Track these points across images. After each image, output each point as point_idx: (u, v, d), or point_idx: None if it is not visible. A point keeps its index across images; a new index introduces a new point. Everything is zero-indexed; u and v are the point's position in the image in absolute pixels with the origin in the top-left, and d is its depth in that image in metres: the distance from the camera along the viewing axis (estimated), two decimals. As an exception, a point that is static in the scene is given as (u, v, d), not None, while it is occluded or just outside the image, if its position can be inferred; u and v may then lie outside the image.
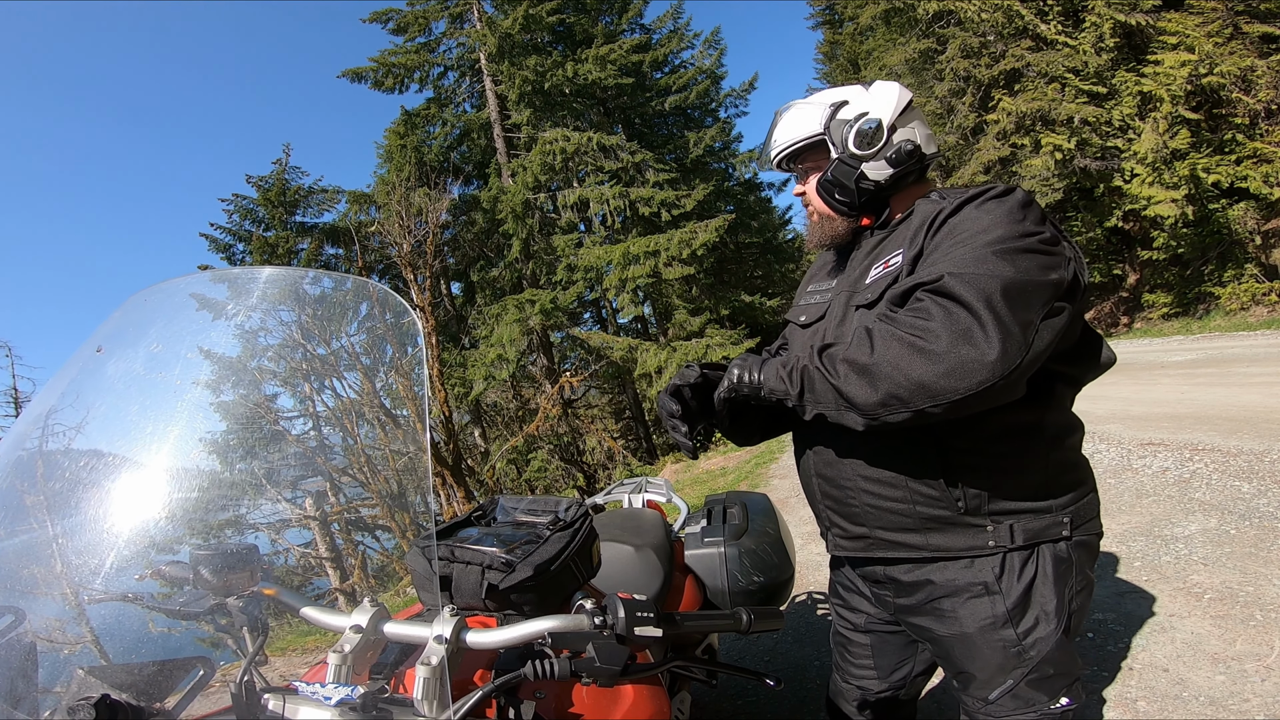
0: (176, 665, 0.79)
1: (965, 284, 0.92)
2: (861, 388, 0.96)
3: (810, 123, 1.22)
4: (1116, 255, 14.85)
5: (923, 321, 0.94)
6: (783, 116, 1.28)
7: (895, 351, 0.94)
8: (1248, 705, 1.80)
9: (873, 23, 16.88)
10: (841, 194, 1.22)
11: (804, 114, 1.24)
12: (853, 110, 1.20)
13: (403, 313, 0.97)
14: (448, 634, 0.78)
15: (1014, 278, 0.92)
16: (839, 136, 1.20)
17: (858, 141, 1.18)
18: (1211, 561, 2.67)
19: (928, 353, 0.91)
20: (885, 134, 1.18)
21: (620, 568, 1.54)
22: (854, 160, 1.19)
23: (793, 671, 2.50)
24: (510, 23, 14.11)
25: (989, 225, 0.99)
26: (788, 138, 1.25)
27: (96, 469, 0.89)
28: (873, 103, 1.20)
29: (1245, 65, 10.33)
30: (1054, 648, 1.10)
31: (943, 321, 0.92)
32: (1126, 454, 4.39)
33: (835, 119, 1.20)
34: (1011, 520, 1.09)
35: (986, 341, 0.89)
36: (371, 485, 1.82)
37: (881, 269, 1.15)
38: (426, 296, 11.22)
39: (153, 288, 0.98)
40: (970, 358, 0.89)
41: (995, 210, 1.01)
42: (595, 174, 14.47)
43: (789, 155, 1.27)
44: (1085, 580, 1.14)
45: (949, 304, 0.93)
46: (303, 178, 14.79)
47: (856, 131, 1.18)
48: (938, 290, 0.95)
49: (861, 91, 1.22)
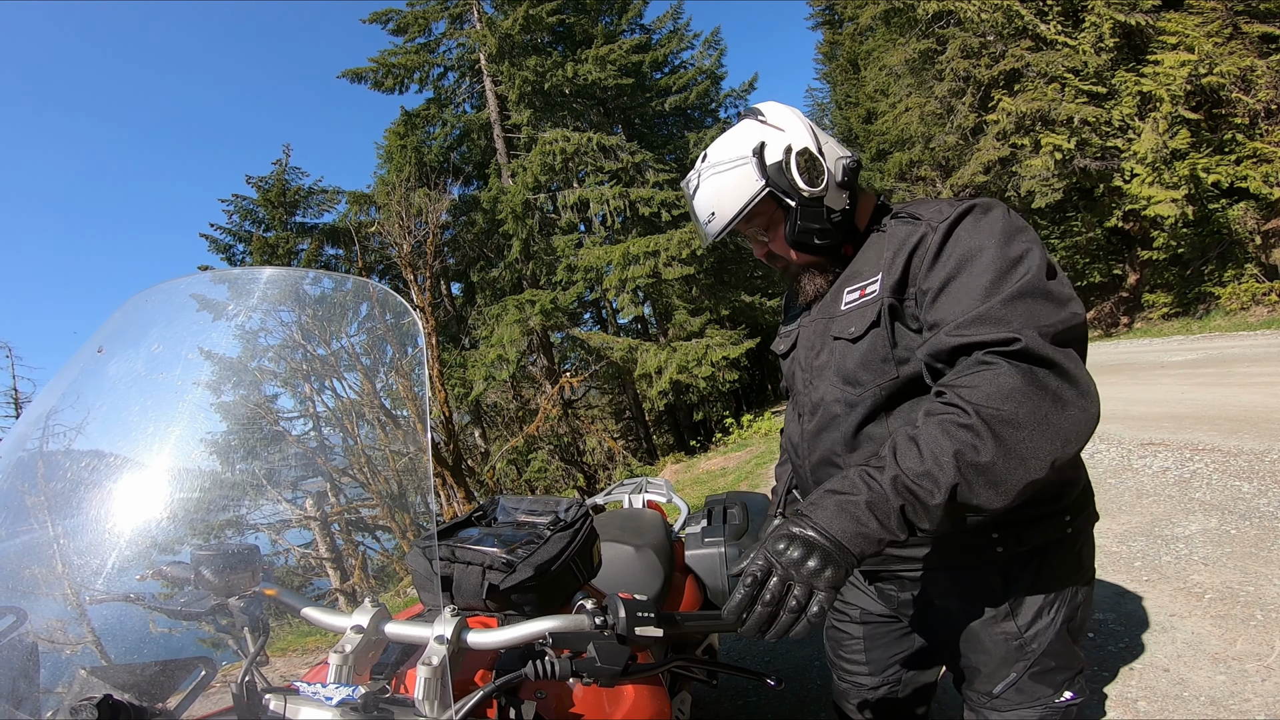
0: (178, 665, 0.79)
1: (1034, 338, 0.83)
2: (988, 494, 0.80)
3: (746, 183, 1.12)
4: (1116, 255, 14.85)
5: (1011, 400, 0.81)
6: (704, 188, 1.16)
7: (1011, 442, 0.80)
8: (1248, 705, 1.80)
9: (872, 23, 16.89)
10: (821, 236, 1.13)
11: (731, 179, 1.13)
12: (776, 149, 1.11)
13: (403, 313, 0.97)
14: (449, 634, 0.78)
15: (1063, 317, 0.86)
16: (785, 183, 1.10)
17: (807, 179, 1.10)
18: (1212, 561, 2.67)
19: (1043, 427, 0.80)
20: (822, 159, 1.12)
21: (620, 568, 1.54)
22: (815, 200, 1.11)
23: (793, 671, 2.50)
24: (510, 23, 14.12)
25: (994, 252, 0.93)
26: (730, 207, 1.13)
27: (97, 469, 0.89)
28: (787, 133, 1.12)
29: (1245, 65, 10.33)
30: (1055, 640, 1.11)
31: (1032, 387, 0.81)
32: (1127, 454, 4.39)
33: (769, 166, 1.10)
34: (1018, 529, 1.08)
35: (1082, 396, 0.83)
36: (372, 486, 1.82)
37: (857, 296, 1.10)
38: (426, 297, 11.22)
39: (153, 288, 0.98)
40: (1078, 419, 0.82)
41: (992, 230, 0.96)
42: (595, 174, 14.48)
43: (738, 222, 1.15)
44: (1087, 571, 1.15)
45: (1028, 367, 0.82)
46: (303, 178, 14.82)
47: (799, 168, 1.09)
48: (1010, 354, 0.84)
49: (763, 125, 1.14)
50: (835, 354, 1.12)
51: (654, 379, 13.26)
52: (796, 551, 0.75)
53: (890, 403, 1.07)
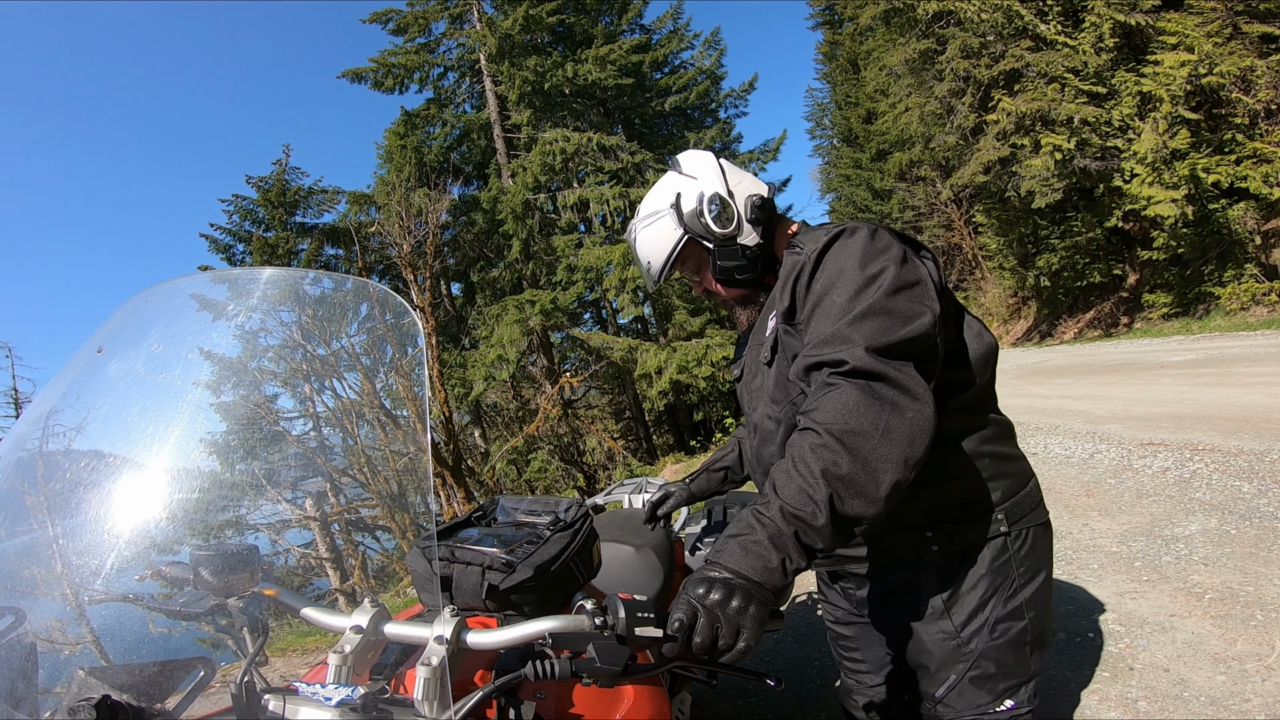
0: (177, 666, 0.79)
1: (862, 356, 0.91)
2: (860, 503, 0.85)
3: (668, 233, 1.24)
4: (1116, 255, 14.85)
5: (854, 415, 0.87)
6: (640, 242, 1.29)
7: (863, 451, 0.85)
8: (1249, 705, 1.80)
9: (872, 23, 16.89)
10: (740, 272, 1.24)
11: (656, 230, 1.26)
12: (691, 198, 1.22)
13: (403, 313, 0.97)
14: (448, 634, 0.78)
15: (902, 333, 0.94)
16: (700, 228, 1.22)
17: (719, 222, 1.21)
18: (1212, 561, 2.67)
19: (887, 433, 0.86)
20: (731, 201, 1.22)
21: (620, 568, 1.55)
22: (728, 239, 1.22)
23: (793, 672, 2.50)
24: (510, 23, 14.12)
25: (851, 274, 1.01)
26: (659, 257, 1.27)
27: (97, 470, 0.89)
28: (700, 180, 1.24)
29: (1245, 65, 10.33)
30: (995, 643, 1.12)
31: (868, 399, 0.88)
32: (1127, 454, 4.39)
33: (685, 214, 1.22)
34: (949, 527, 1.13)
35: (916, 400, 0.89)
36: (372, 486, 1.82)
37: (772, 321, 1.20)
38: (426, 297, 11.23)
39: (153, 288, 0.98)
40: (915, 420, 0.88)
41: (853, 253, 1.05)
42: (595, 174, 14.47)
43: (670, 268, 1.29)
44: (1031, 572, 1.15)
45: (863, 382, 0.90)
46: (303, 178, 14.80)
47: (710, 214, 1.21)
48: (844, 373, 0.92)
49: (679, 177, 1.26)
50: (761, 377, 1.23)
51: (654, 379, 13.26)
52: (718, 594, 0.79)
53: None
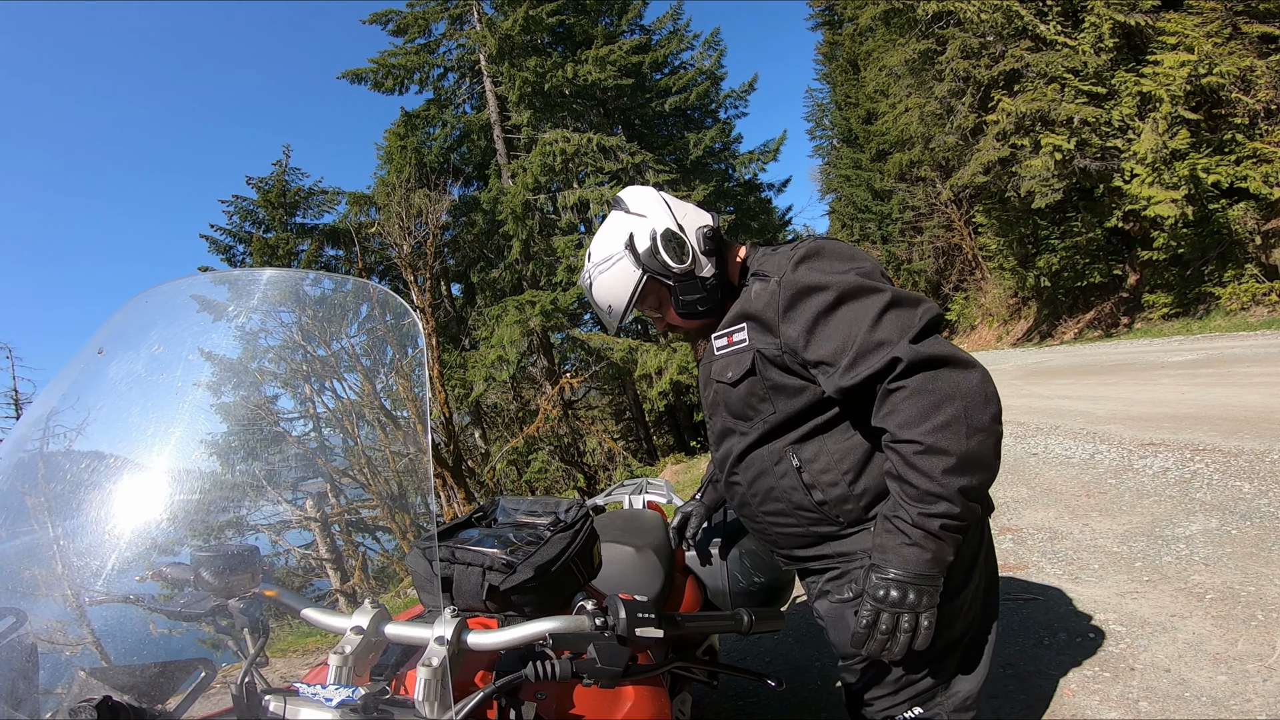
0: (178, 667, 0.79)
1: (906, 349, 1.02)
2: (970, 476, 1.00)
3: (626, 275, 1.24)
4: (1116, 255, 14.85)
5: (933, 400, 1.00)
6: (597, 286, 1.28)
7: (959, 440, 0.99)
8: (1250, 705, 1.80)
9: (872, 23, 16.90)
10: (702, 304, 1.26)
11: (614, 274, 1.25)
12: (644, 236, 1.22)
13: (403, 314, 0.97)
14: (449, 635, 0.78)
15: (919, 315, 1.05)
16: (658, 265, 1.22)
17: (675, 258, 1.21)
18: (1213, 562, 2.67)
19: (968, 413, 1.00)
20: (683, 235, 1.23)
21: (621, 569, 1.54)
22: (686, 274, 1.23)
23: (794, 672, 2.49)
24: (510, 24, 14.12)
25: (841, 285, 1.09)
26: (620, 299, 1.26)
27: (98, 470, 0.89)
28: (649, 218, 1.24)
29: (1244, 65, 10.33)
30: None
31: (936, 389, 1.01)
32: (1127, 454, 4.39)
33: (641, 254, 1.22)
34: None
35: (967, 361, 1.03)
36: (372, 486, 1.81)
37: (726, 344, 1.24)
38: (427, 298, 11.23)
39: (154, 289, 0.98)
40: (979, 374, 1.02)
41: (830, 267, 1.13)
42: (595, 175, 14.46)
43: (630, 309, 1.29)
44: (955, 579, 1.14)
45: (921, 376, 1.02)
46: (303, 179, 14.82)
47: (665, 251, 1.21)
48: (902, 373, 1.02)
49: (628, 216, 1.26)
50: (720, 394, 1.27)
51: (654, 379, 13.25)
52: (895, 593, 1.01)
53: (773, 433, 1.22)
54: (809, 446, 1.20)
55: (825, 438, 1.19)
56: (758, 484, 1.26)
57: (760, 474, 1.25)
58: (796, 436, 1.20)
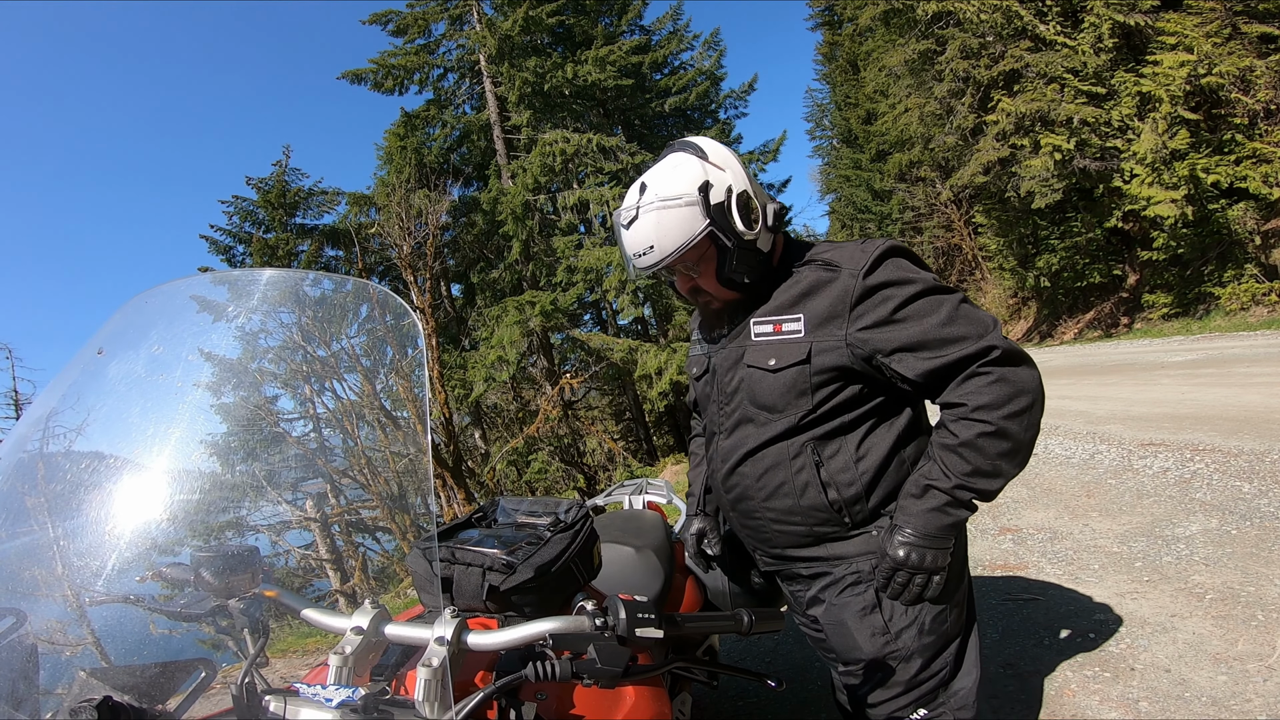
0: (178, 667, 0.79)
1: (998, 338, 1.12)
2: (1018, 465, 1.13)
3: (689, 221, 1.12)
4: (1116, 255, 14.85)
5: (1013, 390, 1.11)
6: (646, 222, 1.14)
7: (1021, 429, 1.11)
8: (1250, 705, 1.80)
9: (872, 24, 16.91)
10: (750, 276, 1.19)
11: (677, 215, 1.12)
12: (720, 190, 1.14)
13: (403, 314, 0.97)
14: (449, 635, 0.78)
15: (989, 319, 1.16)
16: (726, 224, 1.14)
17: (745, 222, 1.15)
18: (1213, 562, 2.67)
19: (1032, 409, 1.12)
20: (756, 203, 1.17)
21: (621, 569, 1.54)
22: (749, 242, 1.17)
23: (794, 672, 2.49)
24: (510, 24, 14.12)
25: (921, 283, 1.14)
26: (670, 243, 1.13)
27: (98, 471, 0.89)
28: (728, 174, 1.16)
29: (1244, 65, 10.33)
30: (923, 644, 1.17)
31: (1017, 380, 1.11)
32: (1127, 454, 4.39)
33: (713, 206, 1.13)
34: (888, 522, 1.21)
35: (1028, 365, 1.14)
36: (372, 487, 1.82)
37: (772, 332, 1.19)
38: (426, 298, 11.23)
39: (153, 290, 0.98)
40: (1034, 371, 1.14)
41: (909, 266, 1.17)
42: (595, 175, 14.46)
43: (675, 258, 1.16)
44: (956, 570, 1.21)
45: (1006, 368, 1.12)
46: (303, 179, 14.78)
47: (739, 211, 1.14)
48: (994, 360, 1.11)
49: (703, 163, 1.16)
50: (749, 381, 1.22)
51: (654, 380, 13.24)
52: (915, 555, 1.12)
53: (797, 430, 1.20)
54: (831, 445, 1.19)
55: (848, 438, 1.20)
56: (768, 478, 1.24)
57: (773, 467, 1.23)
58: (822, 433, 1.19)
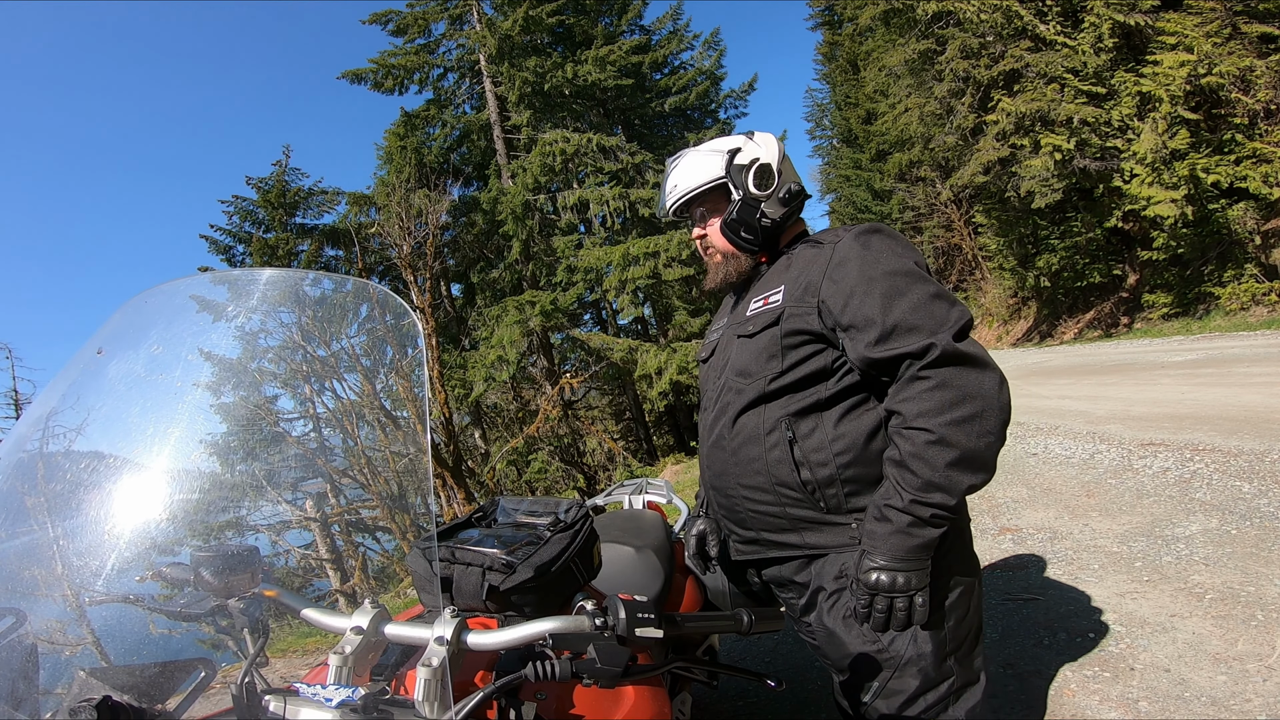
0: (178, 667, 0.79)
1: (950, 339, 1.06)
2: (973, 475, 1.06)
3: (710, 168, 1.32)
4: (1116, 255, 14.86)
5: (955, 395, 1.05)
6: (680, 165, 1.36)
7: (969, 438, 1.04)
8: (1250, 705, 1.80)
9: (872, 24, 16.90)
10: (747, 231, 1.32)
11: (702, 161, 1.33)
12: (746, 156, 1.31)
13: (403, 314, 0.97)
14: (449, 635, 0.78)
15: (956, 314, 1.09)
16: (740, 179, 1.30)
17: (756, 183, 1.30)
18: (1213, 562, 2.67)
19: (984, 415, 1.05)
20: (776, 176, 1.31)
21: (621, 569, 1.54)
22: (755, 200, 1.31)
23: (794, 672, 2.49)
24: (510, 24, 14.12)
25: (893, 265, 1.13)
26: (691, 183, 1.33)
27: (97, 471, 0.89)
28: (761, 150, 1.33)
29: (1244, 65, 10.33)
30: (919, 652, 1.12)
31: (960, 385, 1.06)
32: (1127, 454, 4.39)
33: (734, 164, 1.31)
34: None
35: (993, 369, 1.07)
36: (372, 487, 1.81)
37: (761, 304, 1.27)
38: (426, 298, 11.24)
39: (153, 289, 0.98)
40: (995, 377, 1.07)
41: (885, 247, 1.17)
42: (595, 175, 14.47)
43: (689, 200, 1.35)
44: (949, 573, 1.15)
45: (949, 369, 1.06)
46: (302, 179, 14.79)
47: (754, 174, 1.30)
48: (932, 361, 1.06)
49: (747, 140, 1.35)
50: (733, 350, 1.30)
51: (654, 380, 13.25)
52: (885, 578, 1.07)
53: (770, 396, 1.23)
54: (806, 421, 1.19)
55: (824, 415, 1.19)
56: (743, 452, 1.24)
57: (748, 441, 1.24)
58: (796, 408, 1.19)
